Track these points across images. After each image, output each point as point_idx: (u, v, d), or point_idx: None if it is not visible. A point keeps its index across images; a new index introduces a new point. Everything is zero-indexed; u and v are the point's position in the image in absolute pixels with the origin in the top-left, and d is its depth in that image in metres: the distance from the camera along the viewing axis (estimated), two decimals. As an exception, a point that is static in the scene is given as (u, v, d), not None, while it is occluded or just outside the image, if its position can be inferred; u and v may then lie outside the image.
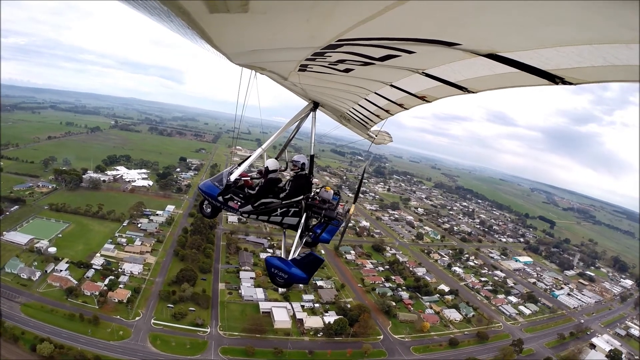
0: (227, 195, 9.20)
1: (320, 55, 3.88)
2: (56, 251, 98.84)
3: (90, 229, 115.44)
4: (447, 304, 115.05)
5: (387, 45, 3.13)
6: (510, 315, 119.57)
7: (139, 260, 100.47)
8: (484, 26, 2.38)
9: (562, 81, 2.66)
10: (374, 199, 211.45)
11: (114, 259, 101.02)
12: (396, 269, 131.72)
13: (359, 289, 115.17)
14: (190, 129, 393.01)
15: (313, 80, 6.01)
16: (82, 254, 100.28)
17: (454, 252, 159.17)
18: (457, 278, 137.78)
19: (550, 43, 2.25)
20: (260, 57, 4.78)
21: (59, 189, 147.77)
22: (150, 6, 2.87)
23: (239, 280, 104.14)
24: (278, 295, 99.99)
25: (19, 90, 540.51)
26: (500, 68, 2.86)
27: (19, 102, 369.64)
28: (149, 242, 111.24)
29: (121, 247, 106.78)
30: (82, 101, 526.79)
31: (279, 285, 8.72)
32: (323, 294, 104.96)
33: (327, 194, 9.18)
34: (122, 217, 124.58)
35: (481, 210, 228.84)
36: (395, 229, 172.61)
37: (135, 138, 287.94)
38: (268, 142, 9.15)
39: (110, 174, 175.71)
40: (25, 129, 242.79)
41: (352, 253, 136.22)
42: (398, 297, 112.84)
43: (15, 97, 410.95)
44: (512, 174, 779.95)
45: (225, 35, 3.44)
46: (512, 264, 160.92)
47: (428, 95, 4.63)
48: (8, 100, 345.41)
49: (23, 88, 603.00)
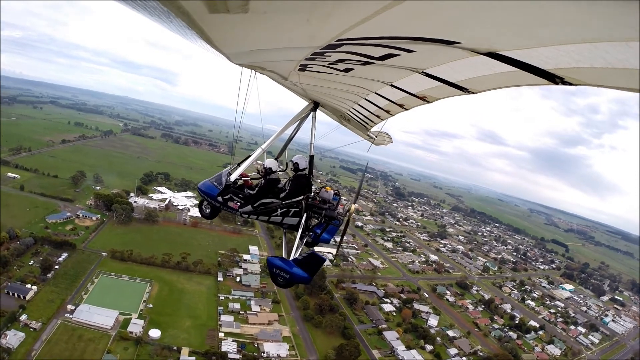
0: (227, 195, 7.98)
1: (320, 55, 3.47)
2: (160, 335, 61.77)
3: (180, 288, 78.47)
4: (543, 340, 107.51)
5: (386, 44, 2.78)
6: (587, 345, 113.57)
7: (276, 335, 68.09)
8: (484, 24, 2.15)
9: (562, 81, 2.36)
10: (418, 227, 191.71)
11: (244, 337, 67.02)
12: (492, 308, 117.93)
13: (478, 334, 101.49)
14: (200, 137, 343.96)
15: (313, 80, 5.40)
16: (197, 335, 64.72)
17: (516, 285, 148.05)
18: (533, 311, 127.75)
19: (550, 41, 2.03)
20: (260, 57, 4.28)
21: (106, 221, 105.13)
22: (150, 6, 2.51)
23: (387, 343, 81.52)
24: (426, 353, 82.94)
25: (14, 81, 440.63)
26: (500, 67, 2.56)
27: (17, 95, 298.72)
28: (267, 306, 77.75)
29: (242, 318, 72.38)
30: (79, 97, 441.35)
31: (280, 285, 7.42)
32: (461, 345, 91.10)
33: (327, 194, 8.02)
34: (213, 268, 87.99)
35: (505, 235, 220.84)
36: (460, 262, 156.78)
37: (153, 146, 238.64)
38: (268, 142, 7.87)
39: (156, 198, 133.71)
40: (31, 127, 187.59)
41: (448, 293, 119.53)
42: (507, 338, 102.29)
43: (11, 88, 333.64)
44: (502, 192, 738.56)
45: (225, 35, 3.05)
46: (563, 293, 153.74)
47: (428, 95, 4.15)
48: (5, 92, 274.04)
49: (17, 80, 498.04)
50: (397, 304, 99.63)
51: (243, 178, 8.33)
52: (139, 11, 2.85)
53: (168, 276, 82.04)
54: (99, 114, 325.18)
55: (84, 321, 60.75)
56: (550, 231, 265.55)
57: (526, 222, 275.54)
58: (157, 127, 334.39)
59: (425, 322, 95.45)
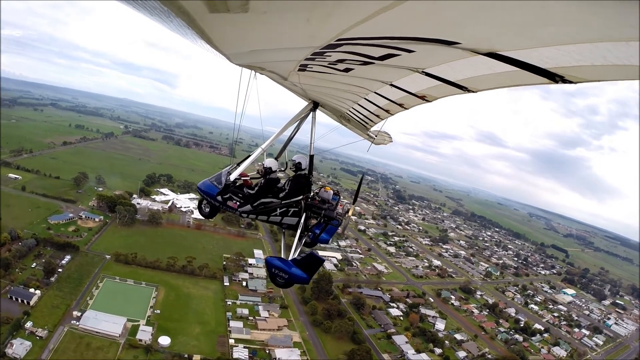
0: (226, 194, 7.90)
1: (320, 55, 3.45)
2: (170, 342, 59.84)
3: (187, 293, 76.66)
4: (549, 342, 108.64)
5: (386, 44, 2.78)
6: (591, 347, 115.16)
7: (287, 341, 66.53)
8: (484, 25, 2.14)
9: (562, 80, 2.37)
10: (420, 231, 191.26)
11: (254, 344, 65.43)
12: (496, 312, 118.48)
13: (485, 337, 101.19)
14: (201, 139, 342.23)
15: (313, 80, 5.38)
16: (207, 342, 62.91)
17: (519, 289, 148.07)
18: (537, 315, 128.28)
19: (550, 41, 2.02)
20: (260, 57, 4.25)
21: (109, 222, 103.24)
22: (150, 6, 2.51)
23: (396, 347, 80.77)
24: (435, 356, 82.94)
25: (14, 83, 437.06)
26: (500, 67, 2.55)
27: (17, 97, 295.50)
28: (275, 311, 76.25)
29: (251, 324, 70.86)
30: (79, 99, 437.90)
31: (279, 285, 7.37)
32: (469, 348, 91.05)
33: (326, 194, 7.97)
34: (219, 272, 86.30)
35: (505, 240, 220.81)
36: (462, 267, 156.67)
37: (154, 148, 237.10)
38: (268, 142, 7.89)
39: (159, 200, 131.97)
40: (32, 129, 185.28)
41: (453, 298, 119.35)
42: (514, 341, 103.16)
43: (11, 90, 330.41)
44: (501, 196, 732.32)
45: (225, 35, 3.05)
46: (565, 297, 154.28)
47: (428, 94, 4.13)
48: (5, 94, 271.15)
49: (18, 81, 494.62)
50: (403, 308, 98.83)
51: (242, 178, 8.27)
52: (139, 11, 2.78)
53: (174, 280, 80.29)
54: (99, 116, 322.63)
55: (91, 328, 58.84)
56: (550, 236, 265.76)
57: (526, 227, 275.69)
58: (157, 129, 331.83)
59: (433, 326, 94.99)
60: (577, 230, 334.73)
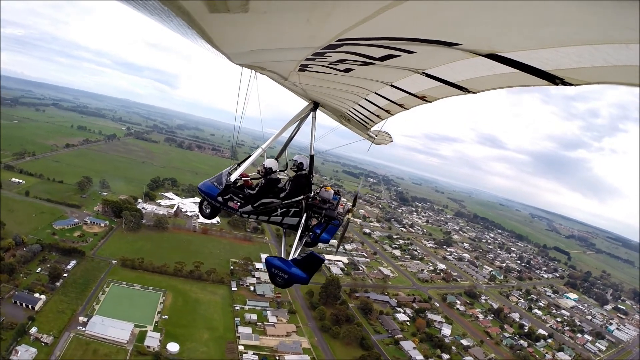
0: (227, 195, 7.87)
1: (320, 55, 3.46)
2: (179, 349, 58.96)
3: (195, 298, 75.76)
4: (553, 348, 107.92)
5: (387, 45, 2.79)
6: (594, 352, 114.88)
7: (296, 347, 65.75)
8: (484, 26, 2.15)
9: (561, 82, 2.37)
10: (424, 234, 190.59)
11: (264, 350, 64.68)
12: (501, 317, 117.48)
13: (490, 343, 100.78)
14: (203, 141, 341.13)
15: (313, 80, 5.36)
16: (216, 349, 62.15)
17: (522, 294, 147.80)
18: (540, 320, 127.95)
19: (550, 43, 2.03)
20: (260, 57, 4.27)
21: (115, 227, 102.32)
22: (150, 6, 2.53)
23: (404, 353, 79.84)
24: None
25: (15, 82, 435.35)
26: (500, 68, 2.55)
27: (18, 96, 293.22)
28: (283, 316, 75.41)
29: (260, 330, 70.10)
30: (80, 99, 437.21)
31: (279, 285, 7.36)
32: (476, 353, 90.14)
33: (327, 193, 7.92)
34: (226, 277, 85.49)
35: (508, 242, 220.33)
36: (467, 270, 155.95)
37: (157, 150, 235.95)
38: (268, 142, 7.83)
39: (164, 204, 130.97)
40: (33, 130, 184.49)
41: (458, 302, 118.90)
42: (519, 346, 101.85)
43: (12, 89, 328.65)
44: (503, 197, 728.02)
45: (225, 35, 3.05)
46: (568, 302, 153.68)
47: (428, 95, 4.13)
48: (7, 93, 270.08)
49: (19, 80, 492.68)
50: (410, 313, 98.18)
51: (243, 178, 8.25)
52: (139, 10, 2.79)
53: (181, 285, 79.45)
54: (101, 117, 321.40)
55: (98, 334, 57.94)
56: (552, 237, 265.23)
57: (528, 228, 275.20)
58: (159, 131, 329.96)
59: (439, 332, 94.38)
60: (578, 232, 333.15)
